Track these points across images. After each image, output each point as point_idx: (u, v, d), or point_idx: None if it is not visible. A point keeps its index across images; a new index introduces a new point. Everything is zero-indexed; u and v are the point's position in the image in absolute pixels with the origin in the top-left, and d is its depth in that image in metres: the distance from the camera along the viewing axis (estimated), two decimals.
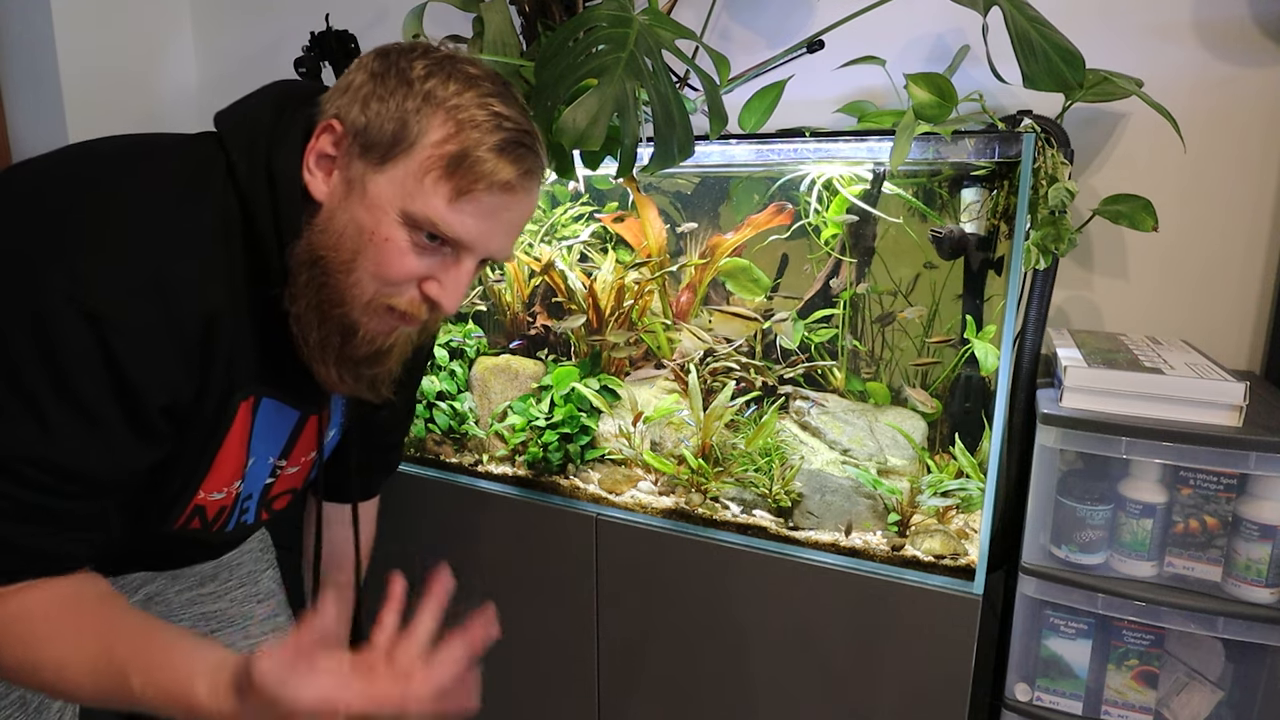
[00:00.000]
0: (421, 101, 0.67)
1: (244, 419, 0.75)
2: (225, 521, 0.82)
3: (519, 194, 0.70)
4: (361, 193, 0.67)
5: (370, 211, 0.67)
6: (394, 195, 0.67)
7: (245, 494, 0.82)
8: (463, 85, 0.68)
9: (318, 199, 0.69)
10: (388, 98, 0.67)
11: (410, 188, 0.66)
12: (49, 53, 1.71)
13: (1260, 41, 1.10)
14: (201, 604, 0.97)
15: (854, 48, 1.16)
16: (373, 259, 0.68)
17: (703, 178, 1.29)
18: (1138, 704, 0.97)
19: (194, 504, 0.77)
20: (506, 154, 0.68)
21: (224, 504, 0.80)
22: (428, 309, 0.71)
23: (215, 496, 0.78)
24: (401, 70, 0.68)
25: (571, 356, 1.39)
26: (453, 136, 0.66)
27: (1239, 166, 1.13)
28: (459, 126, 0.67)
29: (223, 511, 0.81)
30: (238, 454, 0.77)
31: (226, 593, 0.99)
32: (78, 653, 0.62)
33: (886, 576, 1.04)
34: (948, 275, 1.14)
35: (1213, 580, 0.91)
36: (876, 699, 1.07)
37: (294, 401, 0.80)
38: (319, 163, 0.70)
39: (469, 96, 0.68)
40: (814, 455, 1.17)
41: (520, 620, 1.33)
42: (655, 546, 1.18)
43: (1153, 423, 0.89)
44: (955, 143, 0.97)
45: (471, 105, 0.67)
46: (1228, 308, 1.17)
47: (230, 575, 1.00)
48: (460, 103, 0.67)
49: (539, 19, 1.22)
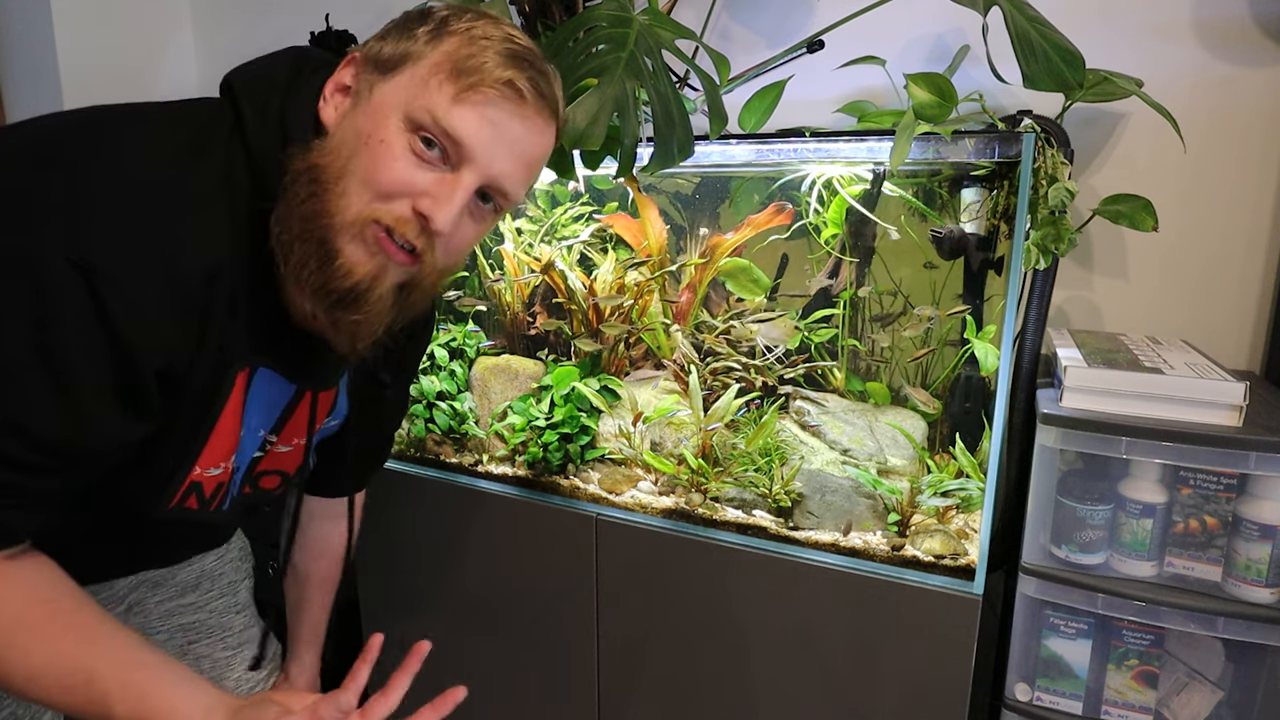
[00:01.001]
0: (438, 24, 0.68)
1: (240, 390, 0.72)
2: (223, 498, 0.79)
3: (526, 108, 0.68)
4: (366, 101, 0.67)
5: (371, 116, 0.66)
6: (398, 99, 0.66)
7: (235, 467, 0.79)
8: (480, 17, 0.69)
9: (327, 125, 0.68)
10: (406, 27, 0.69)
11: (415, 90, 0.66)
12: (49, 52, 1.71)
13: (1260, 41, 1.10)
14: (181, 615, 0.95)
15: (854, 48, 1.16)
16: (365, 163, 0.65)
17: (703, 178, 1.29)
18: (1138, 704, 0.97)
19: (189, 480, 0.74)
20: (515, 63, 0.67)
21: (221, 480, 0.77)
22: (418, 228, 0.67)
23: (212, 472, 0.75)
24: (425, 10, 0.70)
25: (571, 356, 1.39)
26: (463, 46, 0.67)
27: (1239, 166, 1.13)
28: (470, 40, 0.67)
29: (220, 488, 0.78)
30: (234, 427, 0.74)
31: (207, 603, 0.97)
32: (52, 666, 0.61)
33: (886, 576, 1.04)
34: (948, 275, 1.14)
35: (1213, 580, 0.91)
36: (876, 699, 1.07)
37: (291, 374, 0.77)
38: (334, 93, 0.70)
39: (484, 23, 0.69)
40: (814, 455, 1.17)
41: (520, 620, 1.33)
42: (655, 546, 1.18)
43: (1153, 423, 0.89)
44: (955, 143, 0.97)
45: (487, 27, 0.68)
46: (1228, 308, 1.17)
47: (212, 585, 0.98)
48: (475, 25, 0.68)
49: (539, 19, 1.22)
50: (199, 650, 0.96)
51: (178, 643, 0.95)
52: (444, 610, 1.42)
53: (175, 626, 0.95)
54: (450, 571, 1.38)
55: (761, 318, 1.21)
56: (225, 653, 0.98)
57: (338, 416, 0.88)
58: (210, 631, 0.97)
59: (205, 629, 0.97)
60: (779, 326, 1.19)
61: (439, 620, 1.43)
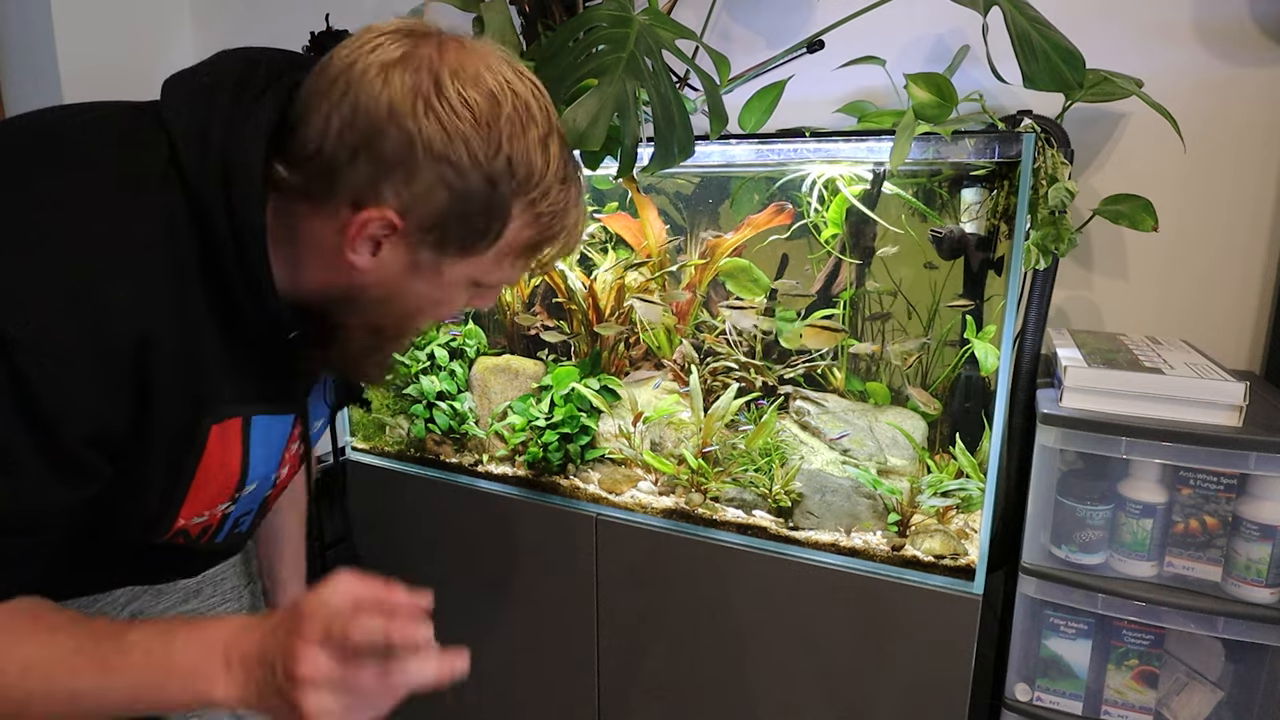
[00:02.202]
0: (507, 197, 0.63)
1: (225, 443, 0.69)
2: (214, 535, 0.77)
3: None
4: (434, 274, 0.66)
5: (443, 289, 0.67)
6: (470, 273, 0.67)
7: (242, 511, 0.78)
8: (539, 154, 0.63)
9: (359, 268, 0.63)
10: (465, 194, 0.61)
11: (488, 269, 0.67)
12: (49, 51, 1.71)
13: (1260, 41, 1.10)
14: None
15: (854, 48, 1.16)
16: (434, 314, 0.70)
17: (703, 178, 1.29)
18: (1138, 704, 0.97)
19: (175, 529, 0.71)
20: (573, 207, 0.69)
21: (208, 524, 0.75)
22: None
23: (196, 520, 0.73)
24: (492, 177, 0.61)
25: (571, 356, 1.39)
26: (533, 223, 0.66)
27: (1239, 166, 1.13)
28: (537, 218, 0.66)
29: (208, 530, 0.76)
30: (219, 478, 0.71)
31: (210, 610, 0.94)
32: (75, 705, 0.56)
33: (886, 576, 1.04)
34: (948, 275, 1.14)
35: (1213, 580, 0.91)
36: (876, 699, 1.07)
37: (285, 407, 0.75)
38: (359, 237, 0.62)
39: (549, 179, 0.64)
40: (814, 455, 1.17)
41: (520, 620, 1.33)
42: (655, 546, 1.18)
43: (1153, 423, 0.89)
44: (955, 143, 0.97)
45: (550, 188, 0.65)
46: (1228, 308, 1.17)
47: (214, 591, 0.95)
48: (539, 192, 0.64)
49: (539, 19, 1.22)
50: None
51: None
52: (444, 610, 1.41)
53: None
54: (450, 571, 1.38)
55: (733, 304, 1.21)
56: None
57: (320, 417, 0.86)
58: None
59: None
60: (749, 316, 1.20)
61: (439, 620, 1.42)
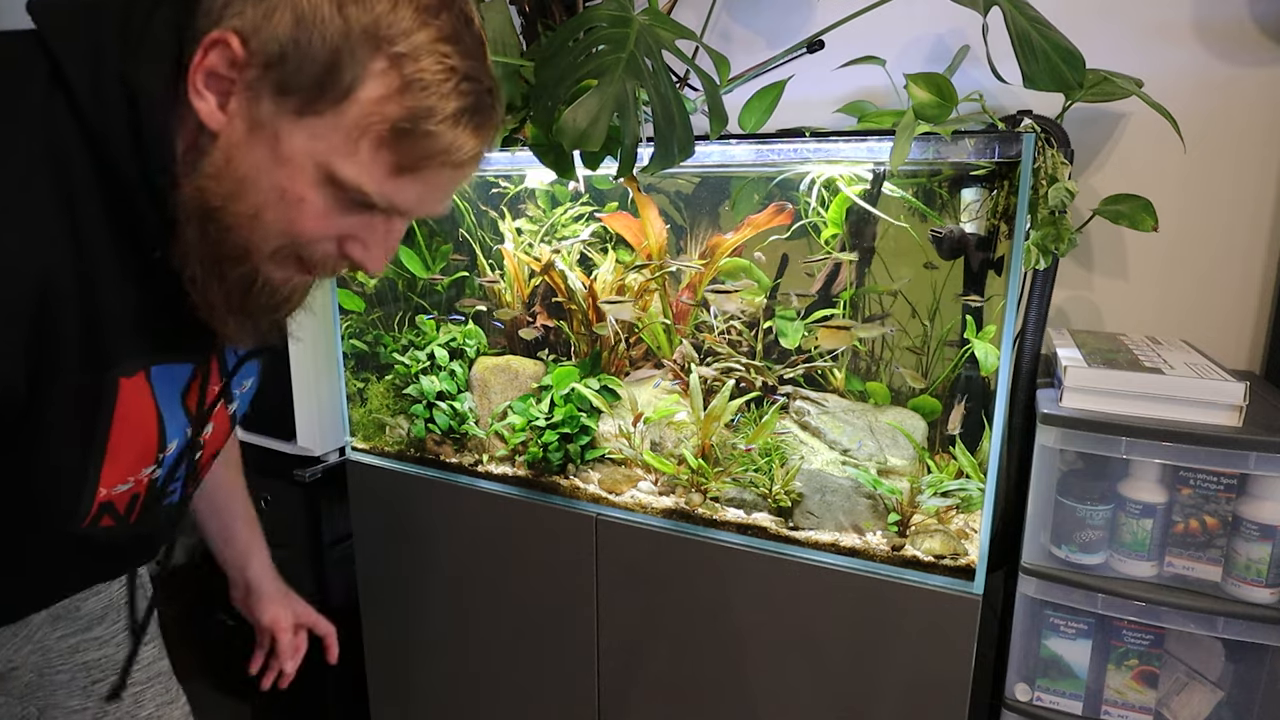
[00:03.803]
0: (361, 35, 0.52)
1: (137, 399, 0.63)
2: (140, 511, 0.71)
3: (476, 164, 0.60)
4: (272, 141, 0.54)
5: (283, 166, 0.54)
6: (315, 151, 0.54)
7: (168, 476, 0.71)
8: (414, 15, 0.54)
9: (211, 128, 0.55)
10: (312, 20, 0.52)
11: (338, 147, 0.54)
12: None
13: (1260, 41, 1.10)
14: (85, 651, 0.87)
15: (854, 48, 1.16)
16: (283, 217, 0.56)
17: (703, 178, 1.29)
18: (1138, 704, 0.97)
19: (98, 503, 0.65)
20: (466, 125, 0.56)
21: (135, 492, 0.68)
22: (346, 267, 0.61)
23: (121, 489, 0.66)
24: None
25: (571, 356, 1.39)
26: (397, 96, 0.54)
27: (1239, 166, 1.13)
28: (405, 84, 0.54)
29: (136, 500, 0.69)
30: (140, 438, 0.65)
31: (112, 637, 0.89)
32: None
33: (886, 576, 1.04)
34: (948, 275, 1.14)
35: (1213, 580, 0.91)
36: (876, 699, 1.07)
37: (185, 356, 0.67)
38: (209, 82, 0.54)
39: (421, 38, 0.54)
40: (814, 455, 1.17)
41: (520, 620, 1.33)
42: (655, 546, 1.18)
43: (1153, 423, 0.89)
44: (955, 143, 0.97)
45: (423, 53, 0.54)
46: (1228, 308, 1.17)
47: (119, 616, 0.90)
48: (408, 48, 0.53)
49: (539, 19, 1.22)
50: (101, 690, 0.88)
51: (80, 683, 0.87)
52: (444, 610, 1.42)
53: (78, 665, 0.86)
54: (450, 571, 1.38)
55: (718, 289, 1.21)
56: (132, 690, 0.90)
57: (250, 375, 0.79)
58: (115, 668, 0.89)
59: (111, 665, 0.89)
60: (733, 300, 1.20)
61: (439, 620, 1.43)
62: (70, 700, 0.87)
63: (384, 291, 1.49)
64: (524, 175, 1.36)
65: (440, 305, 1.48)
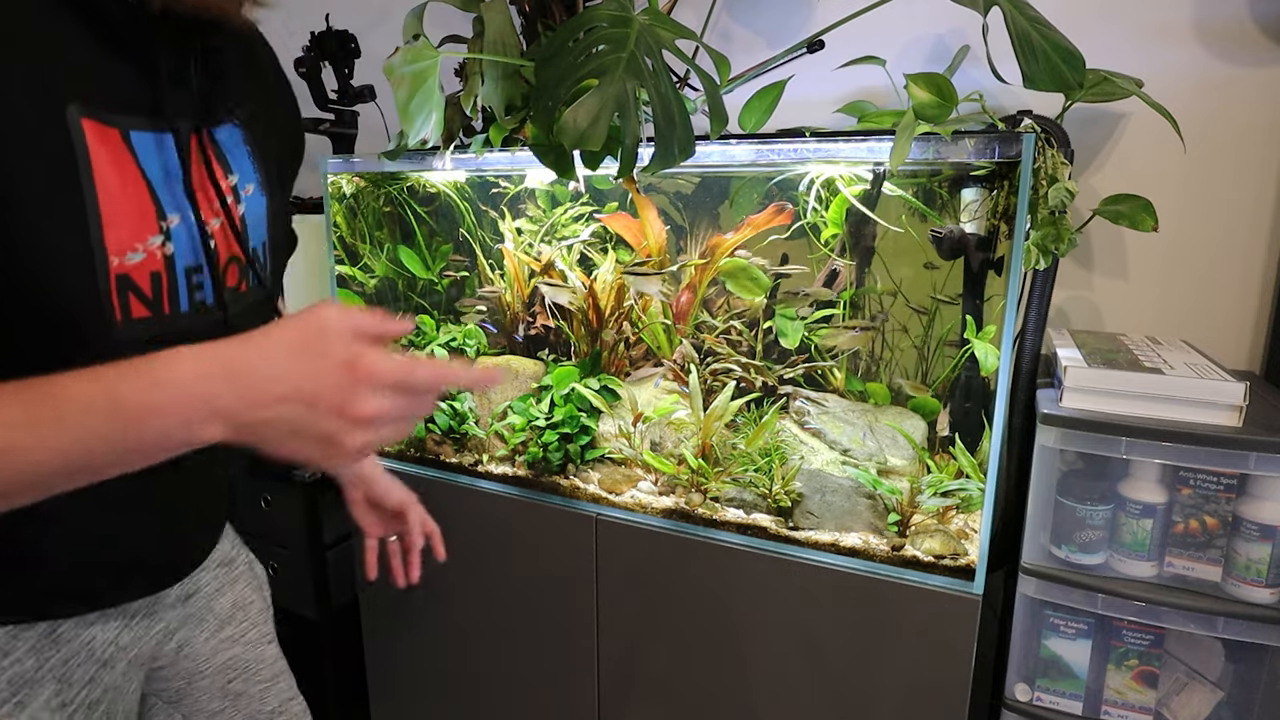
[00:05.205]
0: None
1: (112, 153, 0.60)
2: (172, 295, 0.66)
3: None
4: None
5: None
6: None
7: (188, 263, 0.67)
8: None
9: None
10: None
11: None
12: None
13: (1260, 41, 1.10)
14: (222, 651, 0.90)
15: (854, 48, 1.16)
16: None
17: (703, 177, 1.29)
18: (1138, 704, 0.97)
19: (114, 274, 0.60)
20: None
21: (155, 269, 0.64)
22: None
23: (134, 258, 0.62)
24: None
25: (571, 356, 1.39)
26: None
27: (1239, 166, 1.13)
28: None
29: (159, 279, 0.64)
30: (131, 197, 0.61)
31: (243, 635, 0.92)
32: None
33: (886, 576, 1.04)
34: (948, 275, 1.14)
35: (1213, 580, 0.91)
36: (876, 699, 1.07)
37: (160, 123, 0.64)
38: None
39: None
40: (814, 455, 1.17)
41: (520, 620, 1.33)
42: (655, 546, 1.18)
43: (1153, 423, 0.89)
44: (955, 143, 0.97)
45: None
46: (1228, 308, 1.17)
47: (244, 616, 0.93)
48: None
49: (539, 19, 1.22)
50: (235, 688, 0.91)
51: (219, 684, 0.90)
52: (444, 610, 1.42)
53: (219, 665, 0.90)
54: (450, 571, 1.38)
55: (635, 271, 1.23)
56: (259, 686, 0.93)
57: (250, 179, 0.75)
58: (247, 666, 0.93)
59: (242, 664, 0.92)
60: (653, 283, 1.21)
61: (439, 620, 1.43)
62: (211, 704, 0.90)
63: (384, 291, 1.49)
64: (524, 175, 1.36)
65: (440, 305, 1.48)
